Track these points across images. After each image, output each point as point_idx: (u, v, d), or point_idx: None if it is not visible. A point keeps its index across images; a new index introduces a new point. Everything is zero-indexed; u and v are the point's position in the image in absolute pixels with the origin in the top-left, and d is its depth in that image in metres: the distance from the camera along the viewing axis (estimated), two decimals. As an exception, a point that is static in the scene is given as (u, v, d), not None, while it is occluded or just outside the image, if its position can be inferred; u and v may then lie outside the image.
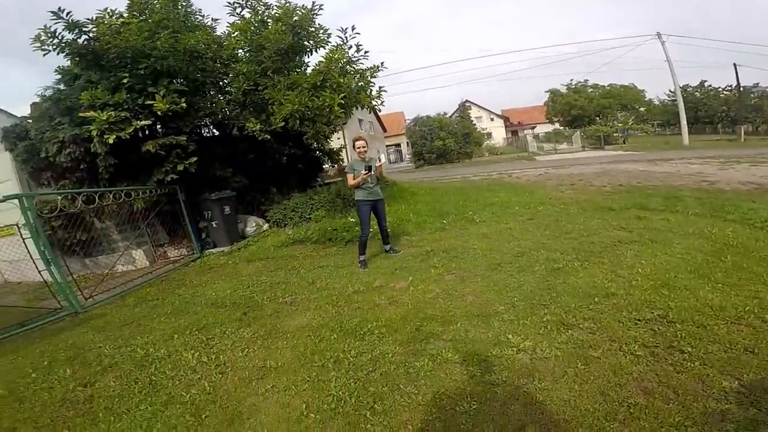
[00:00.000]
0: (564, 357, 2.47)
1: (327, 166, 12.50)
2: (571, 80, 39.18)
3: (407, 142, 38.77)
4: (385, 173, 21.40)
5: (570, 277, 3.78)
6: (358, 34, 7.34)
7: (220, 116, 7.89)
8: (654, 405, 2.00)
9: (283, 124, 6.98)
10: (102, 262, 6.68)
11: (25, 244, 4.29)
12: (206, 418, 2.38)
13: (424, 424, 2.15)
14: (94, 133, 5.49)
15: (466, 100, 40.22)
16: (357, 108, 7.78)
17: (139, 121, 5.81)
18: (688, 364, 2.29)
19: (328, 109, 6.82)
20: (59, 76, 6.59)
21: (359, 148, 4.72)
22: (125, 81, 5.82)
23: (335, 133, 12.46)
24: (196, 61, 6.80)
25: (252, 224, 7.61)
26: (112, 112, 5.52)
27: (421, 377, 2.51)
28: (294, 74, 7.41)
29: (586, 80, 38.64)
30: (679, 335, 2.57)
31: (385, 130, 39.42)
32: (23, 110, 7.33)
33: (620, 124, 33.51)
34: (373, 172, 4.77)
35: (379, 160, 4.84)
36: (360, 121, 29.46)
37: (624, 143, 28.21)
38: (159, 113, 5.90)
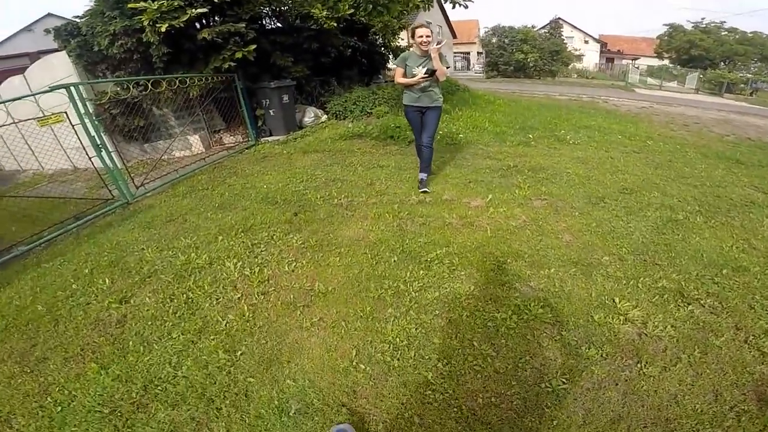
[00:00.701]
0: (680, 339, 1.99)
1: (391, 64, 11.31)
2: (703, 18, 33.79)
3: (478, 52, 35.30)
4: (448, 74, 19.10)
5: (692, 234, 3.02)
6: None
7: (284, 7, 7.03)
8: (765, 416, 1.65)
9: (351, 11, 5.94)
10: (160, 147, 6.56)
11: (75, 131, 4.06)
12: (241, 356, 2.01)
13: (499, 399, 1.70)
14: (145, 23, 5.10)
15: (559, 17, 34.84)
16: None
17: (194, 9, 5.25)
18: (820, 379, 1.74)
19: None
20: None
21: (421, 37, 3.43)
22: None
23: (403, 30, 10.98)
24: None
25: (310, 114, 7.07)
26: (164, 1, 5.05)
27: (501, 335, 2.01)
28: None
29: (722, 22, 32.36)
30: (820, 341, 1.97)
31: (455, 37, 35.95)
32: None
33: (750, 75, 27.39)
34: (430, 75, 3.49)
35: (438, 43, 3.46)
36: (428, 23, 26.63)
37: (751, 95, 23.15)
38: (215, 0, 5.34)
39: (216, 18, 5.98)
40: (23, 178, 9.23)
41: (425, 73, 3.47)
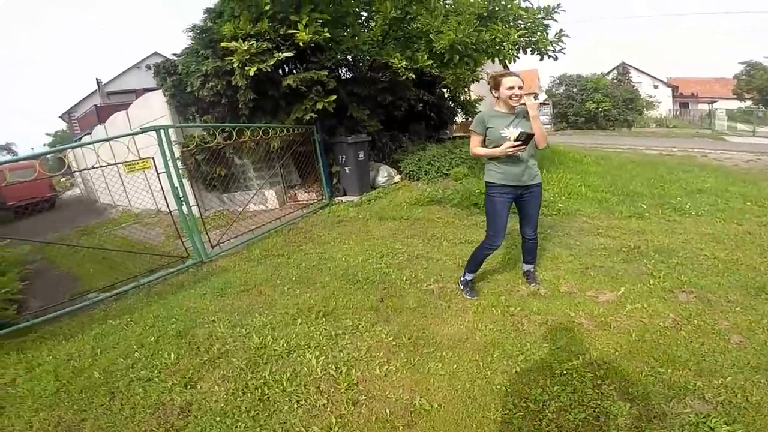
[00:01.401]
0: None
1: (459, 118, 11.07)
2: None
3: (543, 102, 34.56)
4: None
5: None
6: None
7: (362, 55, 7.00)
8: None
9: (430, 62, 5.73)
10: (237, 198, 6.65)
11: (158, 178, 4.08)
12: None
13: None
14: (235, 64, 5.23)
15: (623, 62, 33.27)
16: (524, 52, 5.95)
17: (280, 53, 5.35)
18: None
19: (497, 47, 5.30)
20: (205, 16, 6.44)
21: (511, 89, 2.52)
22: (267, 8, 5.32)
23: (474, 83, 10.71)
24: None
25: (384, 174, 6.77)
26: (254, 43, 5.18)
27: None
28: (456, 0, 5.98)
29: None
30: None
31: (513, 88, 35.46)
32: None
33: None
34: (526, 140, 2.45)
35: (535, 97, 2.55)
36: (487, 74, 26.60)
37: None
38: (301, 44, 5.34)
39: (298, 65, 6.06)
40: (114, 214, 10.01)
41: (519, 137, 2.43)
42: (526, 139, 2.42)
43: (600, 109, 22.41)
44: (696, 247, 3.69)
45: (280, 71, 6.14)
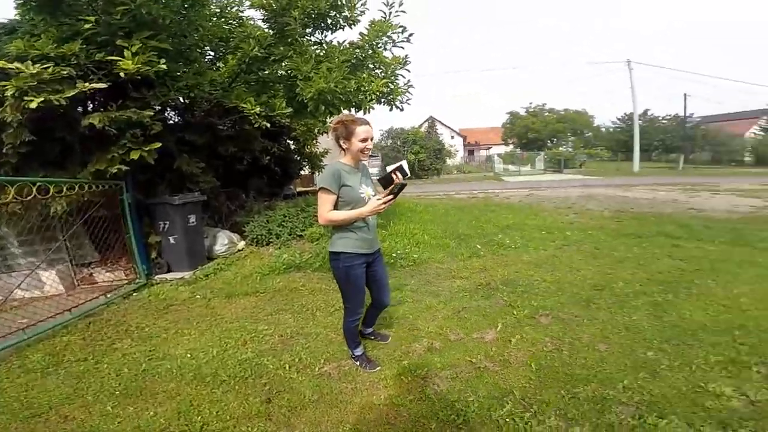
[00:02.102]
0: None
1: (305, 171, 10.82)
2: (530, 103, 40.48)
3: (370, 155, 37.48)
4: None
5: (683, 311, 3.19)
6: (403, 12, 5.38)
7: (200, 96, 5.64)
8: None
9: (288, 110, 5.27)
10: (-8, 283, 4.48)
11: None
12: None
13: None
14: (8, 92, 3.63)
15: (431, 116, 40.10)
16: (379, 102, 5.78)
17: (86, 83, 3.94)
18: None
19: (361, 96, 5.22)
20: None
21: (364, 141, 2.19)
22: (88, 27, 4.02)
23: (323, 134, 10.55)
24: (192, 14, 5.03)
25: (224, 241, 5.61)
26: (51, 66, 3.73)
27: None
28: (329, 45, 5.71)
29: (544, 104, 40.30)
30: None
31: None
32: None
33: (570, 150, 34.32)
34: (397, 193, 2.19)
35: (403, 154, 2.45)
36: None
37: (580, 167, 29.10)
38: (122, 75, 4.06)
39: (112, 102, 4.51)
40: None
41: (393, 189, 2.15)
42: (399, 190, 2.14)
43: (416, 160, 25.75)
44: (527, 275, 4.35)
45: (81, 108, 4.66)
